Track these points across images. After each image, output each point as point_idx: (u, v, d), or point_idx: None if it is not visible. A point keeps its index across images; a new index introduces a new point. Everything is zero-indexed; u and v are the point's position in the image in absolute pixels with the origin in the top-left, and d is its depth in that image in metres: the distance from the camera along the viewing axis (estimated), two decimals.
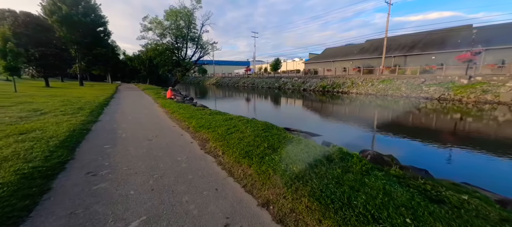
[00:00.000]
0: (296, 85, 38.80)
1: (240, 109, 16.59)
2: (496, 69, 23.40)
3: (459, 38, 31.81)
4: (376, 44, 41.82)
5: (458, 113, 14.52)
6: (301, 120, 12.48)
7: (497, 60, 24.97)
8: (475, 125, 11.01)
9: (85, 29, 26.14)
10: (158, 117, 7.71)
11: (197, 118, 6.44)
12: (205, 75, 80.00)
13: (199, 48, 30.34)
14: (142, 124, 6.34)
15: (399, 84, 26.50)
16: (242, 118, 6.45)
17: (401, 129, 10.43)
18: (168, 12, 26.98)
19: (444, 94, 21.74)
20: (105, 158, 3.56)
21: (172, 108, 8.99)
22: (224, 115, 7.02)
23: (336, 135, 8.77)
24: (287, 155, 3.21)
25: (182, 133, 5.37)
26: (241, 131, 4.70)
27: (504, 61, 24.81)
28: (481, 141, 8.29)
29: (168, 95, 14.13)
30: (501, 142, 8.29)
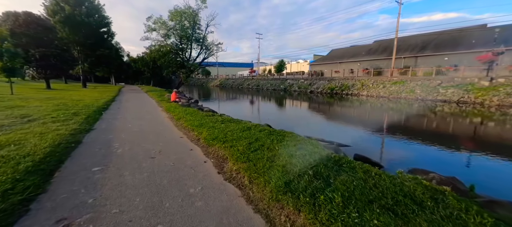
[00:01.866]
0: (302, 87, 37.72)
1: (251, 114, 15.55)
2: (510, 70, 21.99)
3: (473, 38, 30.42)
4: (385, 45, 40.58)
5: (491, 119, 13.21)
6: (320, 126, 11.37)
7: None
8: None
9: (88, 30, 25.53)
10: (162, 124, 6.74)
11: (208, 126, 5.44)
12: (208, 76, 79.45)
13: (204, 49, 29.53)
14: (143, 134, 5.36)
15: (413, 86, 25.24)
16: (261, 127, 5.43)
17: (435, 136, 9.21)
18: (173, 12, 26.25)
19: (464, 97, 20.44)
20: (89, 190, 2.57)
21: (177, 113, 8.02)
22: (238, 122, 6.02)
23: (366, 145, 7.67)
24: (350, 192, 2.20)
25: (191, 147, 4.37)
26: (267, 147, 3.68)
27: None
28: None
29: (173, 98, 13.21)
30: None
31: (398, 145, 7.98)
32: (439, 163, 6.24)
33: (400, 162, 6.06)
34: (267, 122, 9.78)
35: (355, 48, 46.64)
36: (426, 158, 6.75)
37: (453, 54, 30.54)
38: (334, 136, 9.06)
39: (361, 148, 7.26)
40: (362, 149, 7.25)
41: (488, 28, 31.59)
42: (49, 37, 20.87)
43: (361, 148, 7.23)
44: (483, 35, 29.97)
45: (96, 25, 27.38)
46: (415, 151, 7.36)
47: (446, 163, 6.32)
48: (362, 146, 7.66)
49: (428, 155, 6.99)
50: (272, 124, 9.66)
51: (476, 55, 27.17)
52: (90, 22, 24.70)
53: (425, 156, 6.96)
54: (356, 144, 7.83)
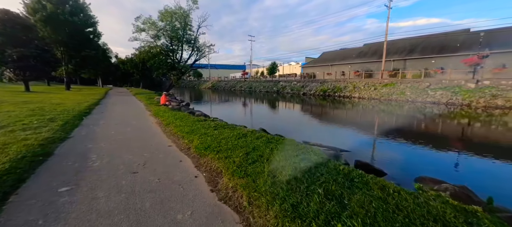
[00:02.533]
0: (295, 89, 37.75)
1: (244, 117, 15.08)
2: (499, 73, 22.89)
3: (457, 42, 31.55)
4: (375, 48, 41.44)
5: (480, 120, 13.40)
6: (316, 130, 11.06)
7: (497, 64, 24.51)
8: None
9: (72, 29, 24.26)
10: (149, 130, 6.18)
11: (200, 133, 4.97)
12: (200, 78, 78.33)
13: (195, 50, 28.85)
14: (127, 143, 4.80)
15: (403, 88, 25.71)
16: (258, 133, 5.01)
17: (431, 139, 9.08)
18: (163, 13, 25.46)
19: (452, 99, 20.95)
20: (49, 221, 2.04)
21: (166, 117, 7.47)
22: (233, 128, 5.57)
23: (364, 150, 7.42)
24: (371, 218, 1.83)
25: (181, 157, 3.89)
26: (267, 158, 3.27)
27: (505, 65, 24.34)
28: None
29: (162, 101, 12.56)
30: None
31: (395, 149, 7.80)
32: (440, 168, 6.05)
33: (401, 168, 5.81)
34: (262, 126, 9.39)
35: (346, 51, 47.39)
36: (425, 162, 6.56)
37: (440, 57, 31.52)
38: (331, 140, 8.78)
39: (359, 153, 7.01)
40: (360, 154, 7.00)
41: (472, 33, 32.89)
42: (28, 37, 19.57)
43: (359, 153, 6.98)
44: (467, 39, 31.16)
45: (81, 24, 26.14)
46: (413, 155, 7.17)
47: (446, 167, 6.14)
48: (360, 150, 7.42)
49: (427, 159, 6.81)
50: (267, 128, 9.27)
51: (461, 58, 28.14)
52: (74, 22, 23.49)
53: (424, 160, 6.77)
54: (354, 149, 7.58)
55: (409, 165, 6.11)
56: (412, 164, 6.29)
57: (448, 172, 5.64)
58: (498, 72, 22.42)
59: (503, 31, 27.36)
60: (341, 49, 49.65)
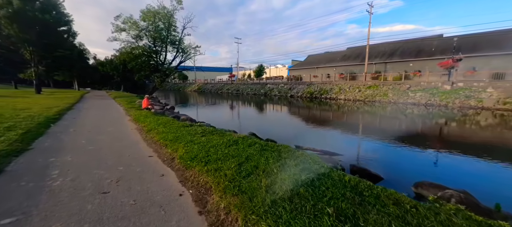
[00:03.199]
0: (282, 92, 37.89)
1: (233, 121, 14.55)
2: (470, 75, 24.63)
3: (432, 47, 33.62)
4: (357, 52, 42.99)
5: (460, 120, 13.97)
6: (307, 133, 10.85)
7: (467, 67, 26.32)
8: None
9: (43, 28, 22.28)
10: (127, 138, 5.52)
11: (185, 141, 4.46)
12: (186, 81, 76.37)
13: (180, 52, 27.86)
14: (100, 154, 4.17)
15: (385, 90, 26.66)
16: (250, 140, 4.59)
17: (417, 139, 9.18)
18: (145, 12, 24.32)
19: (431, 100, 22.03)
20: None
21: (148, 123, 6.81)
22: (222, 134, 5.11)
23: (355, 153, 7.28)
24: None
25: (163, 171, 3.37)
26: (263, 170, 2.87)
27: (475, 68, 26.25)
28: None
29: (144, 104, 11.72)
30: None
31: (386, 151, 7.76)
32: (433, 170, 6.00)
33: (395, 171, 5.69)
34: (252, 131, 8.99)
35: (331, 54, 48.65)
36: (417, 163, 6.51)
37: (417, 60, 33.30)
38: (322, 143, 8.59)
39: (351, 156, 6.85)
40: (353, 157, 6.85)
41: (444, 38, 35.20)
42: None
43: (352, 157, 6.83)
44: (441, 44, 33.30)
45: (54, 23, 24.15)
46: (405, 157, 7.14)
47: (440, 169, 6.10)
48: (352, 153, 7.28)
49: (419, 160, 6.79)
50: (257, 132, 8.89)
51: (436, 61, 29.94)
52: (45, 19, 21.59)
53: (416, 161, 6.74)
54: (346, 152, 7.40)
55: (403, 167, 6.02)
56: (405, 166, 6.21)
57: (443, 174, 5.60)
58: (470, 75, 24.04)
59: (472, 37, 29.48)
60: (326, 52, 50.87)
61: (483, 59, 26.17)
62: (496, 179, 5.40)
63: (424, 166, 6.30)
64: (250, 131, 9.16)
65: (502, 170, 5.85)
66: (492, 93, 19.63)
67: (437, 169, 6.01)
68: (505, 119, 14.10)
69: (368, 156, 7.00)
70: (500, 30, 28.12)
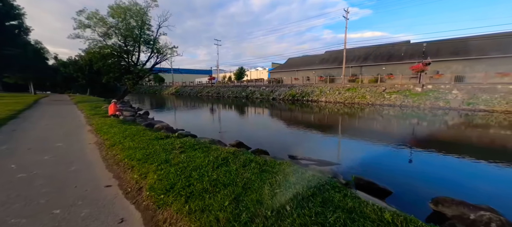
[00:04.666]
0: (264, 94, 37.50)
1: (215, 127, 13.37)
2: (437, 78, 26.75)
3: (402, 52, 36.12)
4: (335, 55, 44.61)
5: (439, 121, 14.43)
6: (297, 139, 10.08)
7: (431, 71, 28.56)
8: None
9: None
10: (80, 158, 4.26)
11: (159, 161, 3.42)
12: (162, 84, 72.33)
13: (155, 52, 25.76)
14: (30, 187, 2.93)
15: (363, 92, 27.61)
16: (244, 156, 3.67)
17: (407, 142, 8.82)
18: (114, 8, 21.95)
19: (404, 102, 23.20)
20: None
21: (112, 135, 5.53)
22: (207, 148, 4.12)
23: (352, 160, 6.75)
24: None
25: (123, 212, 2.33)
26: (272, 209, 2.01)
27: (438, 72, 28.64)
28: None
29: (111, 111, 10.08)
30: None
31: (384, 156, 7.31)
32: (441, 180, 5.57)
33: (402, 182, 5.18)
34: (238, 139, 8.08)
35: (310, 57, 49.81)
36: (423, 172, 6.01)
37: (388, 64, 35.43)
38: (316, 150, 7.93)
39: (350, 164, 6.30)
40: (351, 165, 6.30)
41: (412, 44, 38.04)
42: None
43: (350, 165, 6.26)
44: (409, 49, 35.90)
45: (1, 17, 20.72)
46: (407, 164, 6.66)
47: (449, 179, 5.66)
48: (349, 161, 6.73)
49: (423, 168, 6.32)
50: (244, 139, 8.01)
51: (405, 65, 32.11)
52: None
53: (421, 169, 6.27)
54: (342, 159, 6.89)
55: (408, 177, 5.56)
56: (411, 176, 5.75)
57: (453, 185, 5.18)
58: (437, 78, 25.97)
59: (435, 43, 32.13)
60: (305, 56, 51.96)
61: (445, 63, 28.63)
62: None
63: (431, 173, 5.92)
64: (236, 139, 8.25)
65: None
66: (457, 95, 21.24)
67: (447, 180, 5.60)
68: (470, 119, 15.01)
69: (366, 163, 6.52)
70: (458, 38, 31.14)
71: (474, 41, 29.41)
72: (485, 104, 18.79)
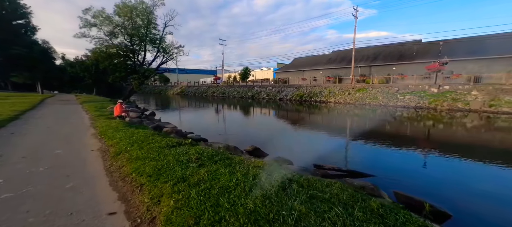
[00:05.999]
0: (271, 95, 36.76)
1: (226, 130, 12.62)
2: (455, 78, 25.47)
3: (413, 51, 34.86)
4: (342, 55, 43.53)
5: (459, 124, 13.42)
6: (314, 143, 9.28)
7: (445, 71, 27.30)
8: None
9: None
10: (80, 170, 3.63)
11: (175, 178, 2.76)
12: (167, 84, 72.35)
13: (161, 52, 25.37)
14: (14, 215, 2.32)
15: (375, 93, 26.59)
16: (278, 172, 2.99)
17: (438, 146, 7.77)
18: (120, 6, 21.62)
19: (420, 103, 22.13)
20: None
21: (117, 140, 4.93)
22: (229, 160, 3.44)
23: (387, 171, 5.95)
24: None
25: None
26: None
27: (453, 71, 27.33)
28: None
29: (116, 112, 9.54)
30: None
31: (420, 166, 6.42)
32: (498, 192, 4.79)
33: (460, 199, 4.38)
34: (253, 143, 7.40)
35: (316, 57, 48.89)
36: (480, 187, 5.17)
37: (399, 64, 34.23)
38: (341, 158, 7.09)
39: (384, 176, 5.52)
40: (386, 177, 5.52)
41: (423, 43, 36.75)
42: None
43: (384, 176, 5.48)
44: (421, 49, 34.61)
45: (7, 15, 20.55)
46: (453, 177, 5.79)
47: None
48: (382, 171, 5.92)
49: (478, 182, 5.48)
50: (259, 144, 7.32)
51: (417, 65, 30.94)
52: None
53: (471, 183, 5.42)
54: (374, 169, 6.05)
55: (457, 192, 4.74)
56: (460, 190, 4.88)
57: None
58: (455, 79, 24.74)
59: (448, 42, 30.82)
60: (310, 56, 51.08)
61: (460, 63, 27.31)
62: None
63: (489, 188, 5.04)
64: (251, 143, 7.57)
65: None
66: (477, 96, 20.06)
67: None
68: (500, 122, 13.97)
69: (402, 173, 5.73)
70: (474, 37, 29.81)
71: (491, 40, 28.03)
72: (509, 106, 17.64)
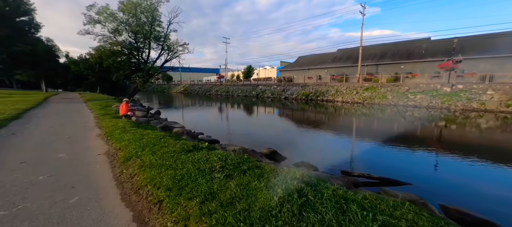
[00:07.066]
0: (275, 94, 36.22)
1: (236, 131, 11.93)
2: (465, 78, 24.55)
3: (422, 49, 33.92)
4: (348, 53, 42.73)
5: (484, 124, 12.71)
6: (335, 147, 8.63)
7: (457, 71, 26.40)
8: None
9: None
10: (85, 181, 3.15)
11: (201, 193, 2.26)
12: (170, 82, 72.13)
13: (165, 49, 24.94)
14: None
15: (384, 92, 25.89)
16: (322, 183, 2.48)
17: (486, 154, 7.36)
18: (125, 3, 21.20)
19: (432, 102, 21.41)
20: None
21: (125, 143, 4.45)
22: (258, 170, 2.94)
23: (423, 178, 5.37)
24: None
25: None
26: None
27: (464, 70, 26.38)
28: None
29: (122, 111, 9.08)
30: None
31: (462, 174, 5.81)
32: None
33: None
34: (269, 146, 6.89)
35: (321, 55, 48.16)
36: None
37: (408, 62, 33.37)
38: (369, 163, 6.27)
39: (420, 183, 4.92)
40: (423, 185, 4.90)
41: (433, 41, 35.78)
42: None
43: (422, 184, 4.86)
44: (430, 47, 33.65)
45: (11, 11, 20.24)
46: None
47: None
48: (418, 179, 5.33)
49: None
50: (276, 147, 6.80)
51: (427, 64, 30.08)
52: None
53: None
54: (405, 176, 5.44)
55: None
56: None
57: None
58: (467, 77, 23.88)
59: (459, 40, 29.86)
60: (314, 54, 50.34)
61: (471, 61, 26.38)
62: None
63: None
64: (266, 145, 7.05)
65: None
66: (493, 95, 19.29)
67: None
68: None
69: (440, 182, 5.14)
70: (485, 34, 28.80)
71: (504, 37, 27.04)
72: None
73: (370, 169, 5.44)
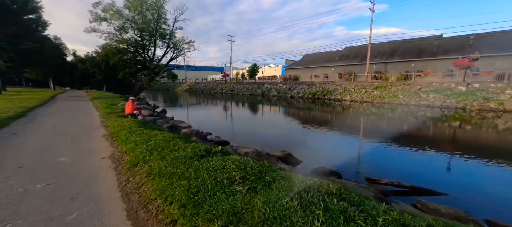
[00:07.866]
0: (281, 92, 35.66)
1: (245, 131, 11.33)
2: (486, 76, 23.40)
3: (434, 47, 32.73)
4: (356, 51, 41.75)
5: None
6: (354, 149, 8.02)
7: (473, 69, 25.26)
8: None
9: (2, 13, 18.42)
10: (87, 191, 2.78)
11: (223, 214, 1.86)
12: (175, 80, 72.26)
13: (171, 47, 24.68)
14: None
15: (395, 91, 25.07)
16: (365, 200, 2.05)
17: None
18: (130, 0, 20.97)
19: (446, 102, 20.56)
20: None
21: (132, 145, 4.09)
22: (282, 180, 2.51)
23: (461, 187, 4.84)
24: None
25: None
26: None
27: (479, 69, 25.20)
28: None
29: (128, 109, 8.77)
30: None
31: (489, 179, 5.28)
32: None
33: None
34: (281, 147, 6.45)
35: (328, 53, 47.28)
36: None
37: (419, 60, 32.29)
38: (393, 169, 5.70)
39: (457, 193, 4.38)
40: (460, 195, 4.35)
41: (445, 38, 34.51)
42: None
43: (458, 195, 4.31)
44: (442, 44, 32.42)
45: (18, 8, 20.22)
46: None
47: None
48: (448, 185, 4.79)
49: None
50: (291, 150, 6.35)
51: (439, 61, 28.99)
52: (4, 4, 17.79)
53: None
54: (437, 183, 4.86)
55: None
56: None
57: None
58: (484, 76, 22.82)
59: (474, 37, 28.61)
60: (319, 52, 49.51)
61: (487, 59, 25.24)
62: None
63: None
64: (279, 147, 6.63)
65: None
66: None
67: None
68: None
69: (478, 192, 4.62)
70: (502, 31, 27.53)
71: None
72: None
73: (394, 175, 4.95)
